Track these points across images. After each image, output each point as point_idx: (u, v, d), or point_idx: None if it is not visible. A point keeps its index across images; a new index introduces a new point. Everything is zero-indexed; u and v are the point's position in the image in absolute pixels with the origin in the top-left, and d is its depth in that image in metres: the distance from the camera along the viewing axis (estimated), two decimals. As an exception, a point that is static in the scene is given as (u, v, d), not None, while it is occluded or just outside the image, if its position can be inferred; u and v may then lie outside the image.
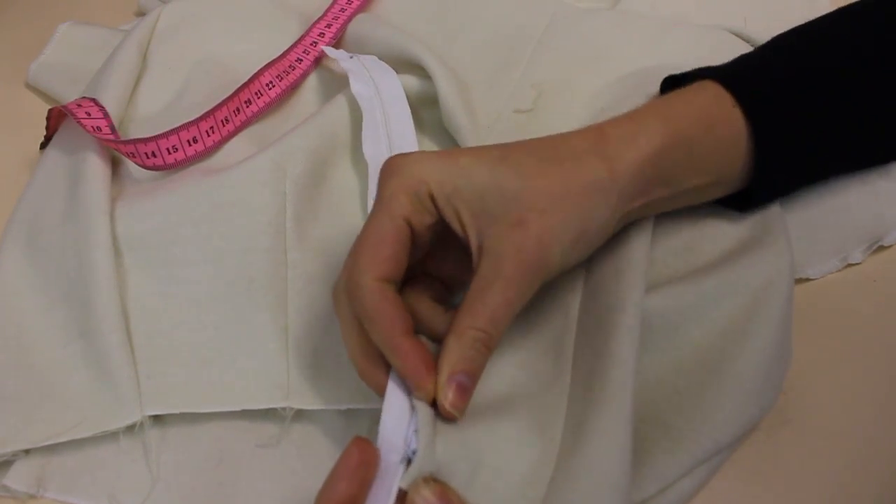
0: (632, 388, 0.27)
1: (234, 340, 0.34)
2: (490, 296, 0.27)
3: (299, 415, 0.33)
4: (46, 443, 0.31)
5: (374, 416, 0.32)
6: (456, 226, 0.28)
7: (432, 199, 0.28)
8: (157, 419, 0.33)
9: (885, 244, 0.38)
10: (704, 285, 0.32)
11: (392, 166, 0.28)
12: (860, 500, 0.31)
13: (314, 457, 0.32)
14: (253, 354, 0.33)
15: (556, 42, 0.44)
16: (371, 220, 0.28)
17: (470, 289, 0.27)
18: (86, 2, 0.53)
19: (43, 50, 0.48)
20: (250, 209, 0.35)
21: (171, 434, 0.33)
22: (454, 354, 0.26)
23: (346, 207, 0.38)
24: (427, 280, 0.31)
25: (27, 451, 0.32)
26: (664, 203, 0.32)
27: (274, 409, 0.33)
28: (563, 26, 0.45)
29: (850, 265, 0.37)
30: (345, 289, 0.28)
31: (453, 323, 0.27)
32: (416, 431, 0.26)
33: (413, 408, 0.27)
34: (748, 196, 0.34)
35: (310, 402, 0.33)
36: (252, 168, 0.36)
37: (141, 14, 0.53)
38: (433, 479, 0.25)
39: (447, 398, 0.26)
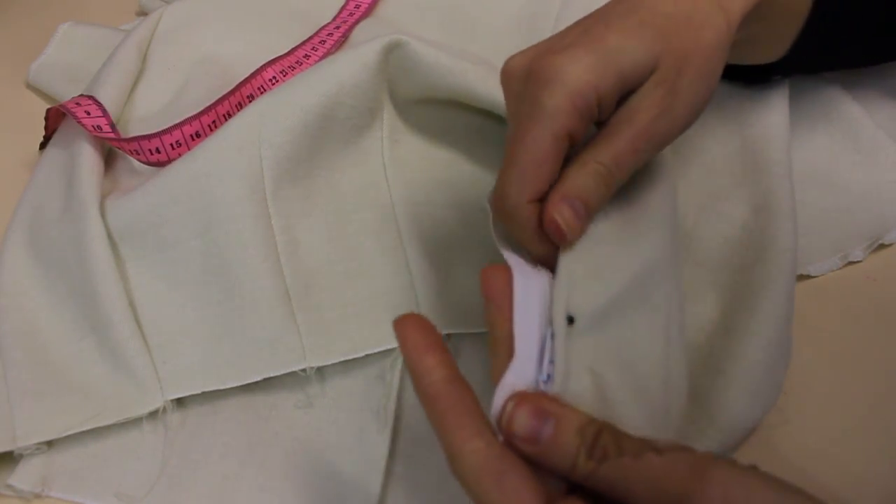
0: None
1: (240, 312, 0.34)
2: (619, 138, 0.26)
3: (299, 409, 0.33)
4: (69, 432, 0.32)
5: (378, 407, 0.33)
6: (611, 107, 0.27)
7: (598, 101, 0.25)
8: (178, 403, 0.33)
9: (886, 242, 0.38)
10: None
11: (547, 71, 0.25)
12: (860, 500, 0.31)
13: (316, 451, 0.32)
14: (262, 323, 0.33)
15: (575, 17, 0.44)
16: (531, 132, 0.25)
17: (600, 131, 0.26)
18: (86, 2, 0.53)
19: (44, 50, 0.48)
20: (228, 176, 0.34)
21: (190, 419, 0.33)
22: (571, 180, 0.25)
23: (325, 166, 0.37)
24: None
25: (49, 444, 0.32)
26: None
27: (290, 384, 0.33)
28: (579, 3, 0.44)
29: (850, 263, 0.38)
30: (497, 205, 0.26)
31: (576, 157, 0.26)
32: (551, 362, 0.24)
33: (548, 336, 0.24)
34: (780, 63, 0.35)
35: (327, 358, 0.33)
36: (225, 134, 0.35)
37: (142, 14, 0.53)
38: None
39: (561, 214, 0.25)
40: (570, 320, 0.24)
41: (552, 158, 0.25)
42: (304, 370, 0.33)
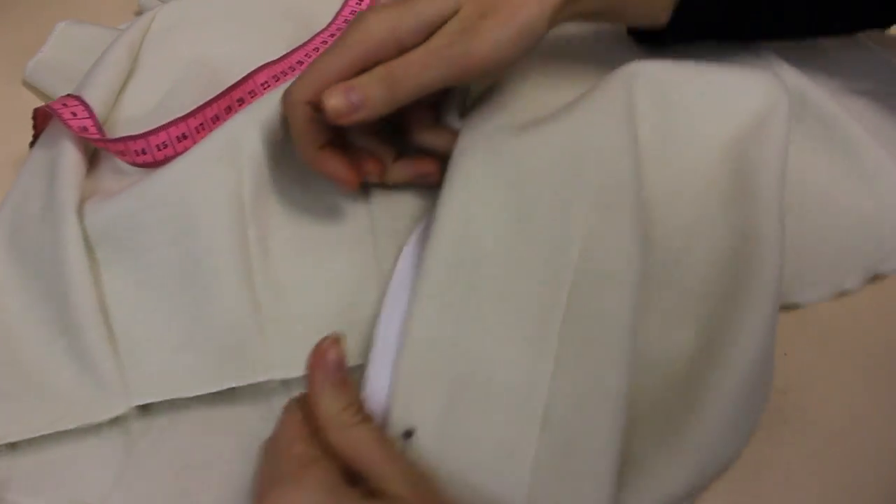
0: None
1: (209, 321, 0.33)
2: (412, 54, 0.30)
3: (265, 421, 0.33)
4: (32, 435, 0.32)
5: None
6: None
7: (401, 39, 0.31)
8: (141, 412, 0.33)
9: (882, 272, 0.36)
10: None
11: (358, 19, 0.31)
12: (860, 500, 0.30)
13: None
14: (230, 332, 0.33)
15: None
16: (329, 56, 0.31)
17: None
18: (86, 2, 0.54)
19: (41, 48, 0.48)
20: (206, 185, 0.34)
21: (153, 429, 0.33)
22: (356, 78, 0.30)
23: (304, 177, 0.37)
24: None
25: (12, 446, 0.32)
26: (591, 15, 0.35)
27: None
28: None
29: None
30: (283, 100, 0.32)
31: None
32: None
33: None
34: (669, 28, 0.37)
35: (292, 371, 0.33)
36: (206, 145, 0.35)
37: (141, 14, 0.53)
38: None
39: (334, 96, 0.30)
40: (408, 434, 0.28)
41: (336, 77, 0.30)
42: (269, 382, 0.33)
